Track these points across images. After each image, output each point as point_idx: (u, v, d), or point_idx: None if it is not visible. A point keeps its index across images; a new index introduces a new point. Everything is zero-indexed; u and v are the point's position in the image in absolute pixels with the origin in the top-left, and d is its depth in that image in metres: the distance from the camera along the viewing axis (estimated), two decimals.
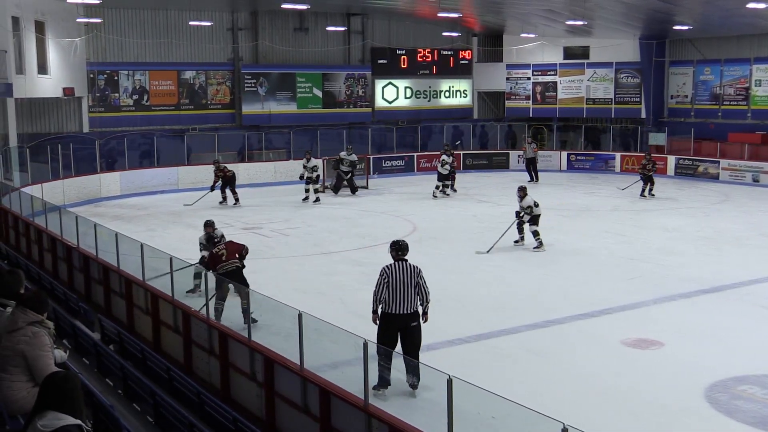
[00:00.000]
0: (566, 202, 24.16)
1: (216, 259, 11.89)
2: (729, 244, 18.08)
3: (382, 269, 9.22)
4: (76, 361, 8.46)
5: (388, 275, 9.11)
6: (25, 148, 22.55)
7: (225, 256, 11.91)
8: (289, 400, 7.72)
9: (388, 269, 9.19)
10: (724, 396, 9.23)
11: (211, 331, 9.13)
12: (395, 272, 9.13)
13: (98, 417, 6.32)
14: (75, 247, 13.71)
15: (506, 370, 10.17)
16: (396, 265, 9.24)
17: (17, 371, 6.06)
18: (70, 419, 4.53)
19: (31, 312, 6.22)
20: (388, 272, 9.14)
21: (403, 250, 9.45)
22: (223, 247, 12.13)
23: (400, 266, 9.21)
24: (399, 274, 9.12)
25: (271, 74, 30.66)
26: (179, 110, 29.30)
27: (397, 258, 9.35)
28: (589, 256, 16.83)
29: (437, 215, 21.98)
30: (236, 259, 11.90)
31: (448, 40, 34.91)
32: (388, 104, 33.96)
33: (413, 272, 9.19)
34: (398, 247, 9.45)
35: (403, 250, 9.44)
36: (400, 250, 9.42)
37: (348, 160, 26.39)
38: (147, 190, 26.28)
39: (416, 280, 9.16)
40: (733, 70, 30.97)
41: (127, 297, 11.39)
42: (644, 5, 25.99)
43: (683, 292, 13.86)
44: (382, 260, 16.21)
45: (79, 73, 26.50)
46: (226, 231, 19.69)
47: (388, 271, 9.16)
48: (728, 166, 28.89)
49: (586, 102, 34.18)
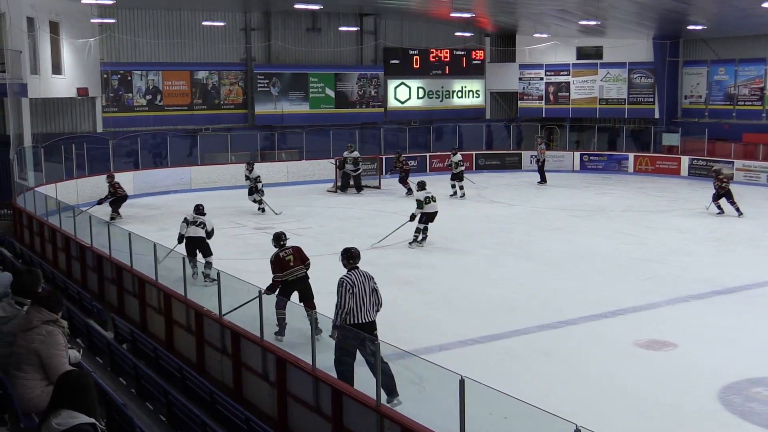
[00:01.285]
0: (579, 203, 24.10)
1: (283, 264, 11.14)
2: (742, 245, 17.98)
3: (343, 280, 8.86)
4: (89, 360, 8.51)
5: (351, 285, 8.80)
6: (40, 148, 22.68)
7: (292, 261, 11.24)
8: (301, 399, 7.74)
9: (348, 278, 8.86)
10: (738, 398, 9.18)
11: (223, 331, 9.16)
12: (356, 281, 8.85)
13: (111, 416, 6.36)
14: (88, 246, 13.80)
15: (518, 370, 10.15)
16: (354, 273, 8.95)
17: (32, 369, 6.10)
18: (84, 418, 4.55)
19: (45, 311, 6.26)
20: (350, 281, 8.82)
21: (355, 258, 9.10)
22: (290, 251, 11.35)
23: (357, 274, 8.94)
24: (359, 283, 8.86)
25: (284, 74, 30.71)
26: (192, 110, 29.39)
27: (350, 267, 9.03)
28: (601, 257, 16.76)
29: (449, 216, 21.93)
30: (303, 266, 11.32)
31: (460, 41, 34.87)
32: (401, 104, 33.96)
33: (368, 279, 8.97)
34: (350, 255, 9.11)
35: (355, 258, 9.10)
36: (352, 258, 9.08)
37: (350, 157, 26.49)
38: (160, 190, 26.37)
39: (372, 286, 8.94)
40: (748, 70, 30.80)
41: (140, 296, 11.45)
42: (658, 5, 25.88)
43: (696, 293, 13.80)
44: (394, 260, 16.33)
45: (93, 74, 26.62)
46: (238, 231, 19.87)
47: (349, 280, 8.84)
48: (742, 167, 28.73)
49: (599, 102, 34.06)
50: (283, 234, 11.60)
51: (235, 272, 10.82)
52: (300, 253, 11.37)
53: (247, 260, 16.42)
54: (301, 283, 11.11)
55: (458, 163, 25.21)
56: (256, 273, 14.02)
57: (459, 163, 25.23)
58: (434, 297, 13.76)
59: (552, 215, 21.96)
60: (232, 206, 23.79)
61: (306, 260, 11.37)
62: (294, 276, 11.07)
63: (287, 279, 10.90)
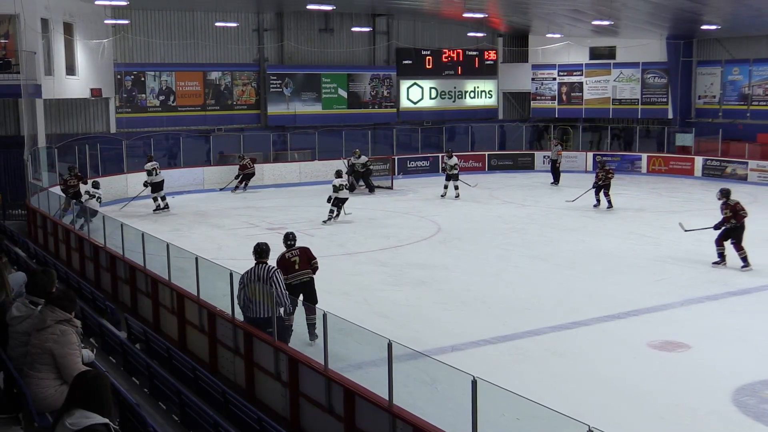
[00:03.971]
0: (592, 203, 24.01)
1: (288, 266, 10.71)
2: (757, 245, 17.82)
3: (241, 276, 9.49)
4: (102, 360, 8.54)
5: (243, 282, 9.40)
6: (54, 149, 22.79)
7: (298, 264, 10.82)
8: (314, 400, 7.74)
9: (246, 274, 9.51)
10: (752, 399, 9.13)
11: (236, 331, 9.18)
12: (252, 277, 9.42)
13: (125, 415, 6.38)
14: (102, 246, 13.85)
15: (531, 371, 10.12)
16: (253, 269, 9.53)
17: (45, 369, 6.13)
18: (98, 418, 4.57)
19: (59, 310, 6.29)
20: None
21: (263, 254, 9.68)
22: (296, 252, 10.92)
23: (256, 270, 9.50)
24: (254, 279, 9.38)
25: (297, 75, 30.77)
26: (205, 111, 29.49)
27: (258, 262, 9.61)
28: (614, 258, 16.71)
29: (462, 216, 21.94)
30: (309, 269, 10.93)
31: (473, 41, 34.83)
32: (413, 105, 33.96)
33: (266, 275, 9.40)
34: (259, 251, 9.73)
35: (262, 254, 9.68)
36: (258, 255, 9.68)
37: (359, 163, 26.38)
38: (173, 190, 26.43)
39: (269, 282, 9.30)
40: (762, 70, 30.62)
41: (153, 296, 11.48)
42: (672, 5, 25.76)
43: (710, 294, 13.74)
44: (406, 261, 16.33)
45: (107, 74, 26.75)
46: (250, 231, 19.91)
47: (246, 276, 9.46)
48: (757, 167, 28.56)
49: (613, 102, 33.95)
50: (291, 234, 11.29)
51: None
52: (307, 254, 11.03)
53: None
54: (305, 287, 10.91)
55: (453, 166, 25.12)
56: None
57: (455, 167, 25.15)
58: (447, 297, 13.74)
59: (565, 215, 21.91)
60: (246, 206, 23.86)
61: (312, 260, 11.04)
62: (298, 280, 10.82)
63: (291, 283, 10.58)
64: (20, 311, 6.66)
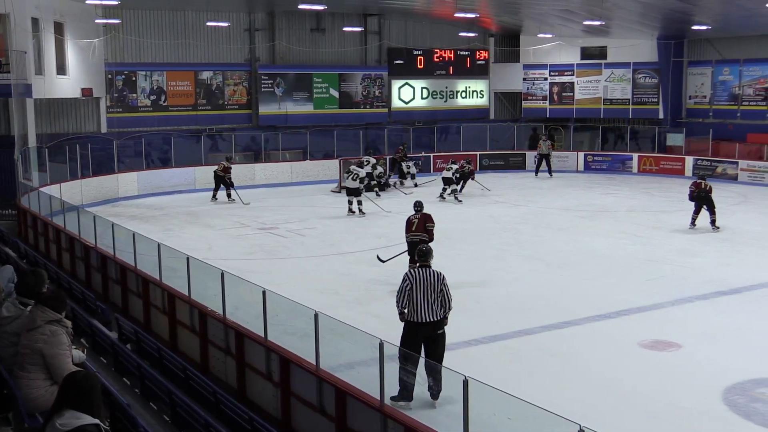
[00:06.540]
0: (583, 203, 24.08)
1: (408, 226, 12.77)
2: (747, 245, 17.94)
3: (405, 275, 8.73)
4: (93, 360, 8.52)
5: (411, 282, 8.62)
6: (44, 148, 22.70)
7: (415, 225, 12.55)
8: (305, 400, 7.74)
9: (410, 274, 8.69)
10: (742, 399, 9.16)
11: (227, 331, 9.16)
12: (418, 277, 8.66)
13: (115, 416, 6.36)
14: (93, 246, 13.81)
15: (522, 371, 10.13)
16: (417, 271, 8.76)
17: (35, 369, 6.11)
18: (88, 418, 4.55)
19: (49, 311, 6.27)
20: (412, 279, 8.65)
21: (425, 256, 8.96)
22: (419, 217, 12.95)
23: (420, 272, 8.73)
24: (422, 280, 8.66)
25: (288, 75, 30.71)
26: (196, 111, 29.40)
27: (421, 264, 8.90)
28: (606, 257, 16.74)
29: (454, 216, 21.94)
30: (424, 232, 12.32)
31: (464, 41, 34.84)
32: (405, 105, 33.94)
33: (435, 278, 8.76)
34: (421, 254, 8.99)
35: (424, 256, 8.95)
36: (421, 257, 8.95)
37: (375, 173, 26.09)
38: (164, 190, 26.40)
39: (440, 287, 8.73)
40: (753, 71, 30.72)
41: (144, 296, 11.46)
42: (662, 5, 25.82)
43: (701, 293, 13.78)
44: (398, 260, 16.29)
45: (98, 74, 26.65)
46: (242, 231, 19.89)
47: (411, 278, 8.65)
48: (747, 167, 28.67)
49: (604, 102, 33.99)
50: (419, 202, 13.83)
51: (239, 272, 10.80)
52: (425, 219, 12.89)
53: (251, 260, 16.46)
54: (415, 246, 10.52)
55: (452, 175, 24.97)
56: (260, 273, 14.10)
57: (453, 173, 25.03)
58: None
59: (557, 215, 21.95)
60: (237, 206, 23.82)
61: (428, 224, 12.89)
62: (412, 238, 12.53)
63: (408, 240, 12.41)
64: (10, 312, 6.64)
